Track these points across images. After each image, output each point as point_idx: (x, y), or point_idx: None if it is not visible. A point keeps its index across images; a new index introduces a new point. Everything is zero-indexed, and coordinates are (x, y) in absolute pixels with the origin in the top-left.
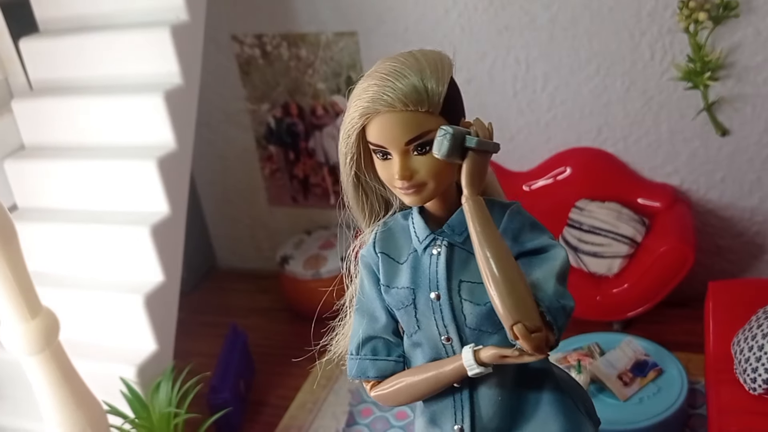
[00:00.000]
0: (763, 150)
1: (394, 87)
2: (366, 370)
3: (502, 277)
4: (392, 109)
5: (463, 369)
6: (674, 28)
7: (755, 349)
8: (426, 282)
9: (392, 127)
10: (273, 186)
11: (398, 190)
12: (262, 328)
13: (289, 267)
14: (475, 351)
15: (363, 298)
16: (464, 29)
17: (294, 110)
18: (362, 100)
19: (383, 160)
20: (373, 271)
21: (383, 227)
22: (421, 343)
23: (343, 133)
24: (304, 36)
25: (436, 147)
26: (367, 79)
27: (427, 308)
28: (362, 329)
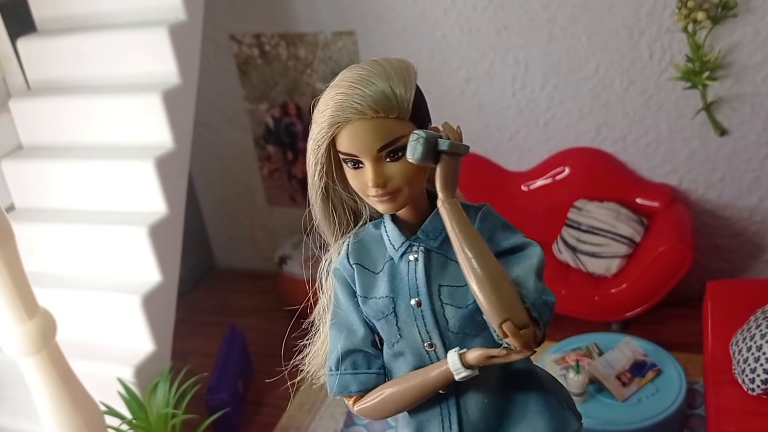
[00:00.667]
0: (761, 149)
1: (363, 94)
2: (348, 385)
3: (486, 276)
4: (363, 117)
5: (449, 374)
6: (673, 27)
7: (753, 349)
8: (405, 289)
9: (364, 135)
10: (271, 186)
11: (372, 198)
12: (261, 329)
13: (287, 267)
14: (460, 354)
15: (339, 311)
16: (463, 29)
17: (292, 110)
18: (330, 109)
19: (354, 169)
20: (347, 284)
21: (355, 238)
22: (404, 352)
23: (312, 144)
24: (302, 36)
25: (410, 151)
26: (334, 89)
27: (408, 316)
28: (341, 343)
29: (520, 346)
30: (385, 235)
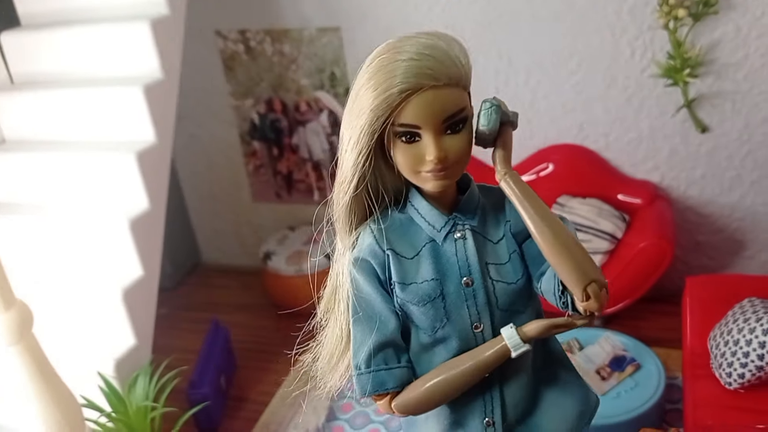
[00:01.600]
0: (742, 147)
1: (437, 59)
2: (384, 382)
3: (568, 241)
4: (436, 84)
5: (505, 351)
6: (654, 24)
7: (731, 344)
8: (454, 269)
9: (433, 104)
10: (257, 182)
11: (426, 174)
12: (246, 324)
13: (272, 263)
14: (517, 329)
15: (364, 304)
16: (447, 25)
17: (278, 106)
18: (400, 76)
19: (409, 143)
20: (374, 273)
21: (379, 225)
22: (448, 337)
23: (369, 115)
24: (287, 31)
25: (485, 119)
26: (394, 55)
27: (458, 297)
28: (372, 338)
29: (599, 309)
30: (419, 217)
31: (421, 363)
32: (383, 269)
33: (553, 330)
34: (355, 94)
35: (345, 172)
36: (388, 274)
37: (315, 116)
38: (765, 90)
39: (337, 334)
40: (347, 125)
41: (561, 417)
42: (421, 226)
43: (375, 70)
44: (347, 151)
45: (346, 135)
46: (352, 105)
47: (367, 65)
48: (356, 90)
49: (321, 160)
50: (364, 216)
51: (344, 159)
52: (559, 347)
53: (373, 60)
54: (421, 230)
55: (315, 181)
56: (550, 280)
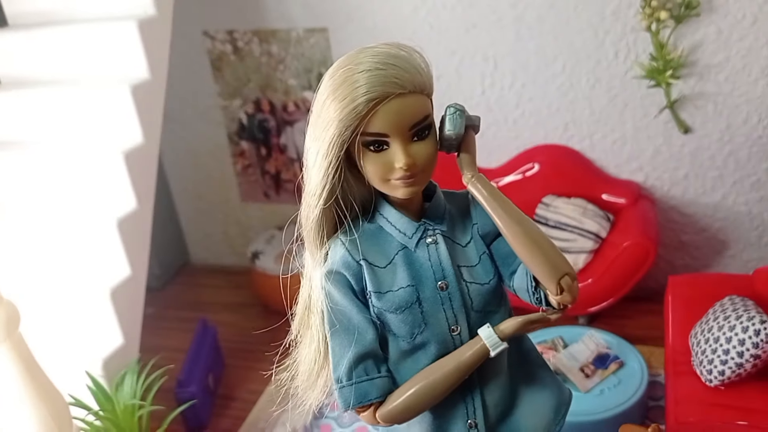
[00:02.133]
0: (724, 147)
1: (401, 68)
2: (367, 393)
3: (540, 237)
4: (402, 92)
5: (484, 351)
6: (637, 26)
7: (711, 341)
8: (429, 274)
9: (400, 112)
10: (245, 182)
11: (395, 182)
12: (234, 324)
13: (260, 262)
14: (494, 328)
15: (341, 317)
16: (432, 27)
17: (265, 106)
18: (366, 85)
19: (377, 152)
20: (348, 285)
21: (348, 237)
22: (427, 342)
23: (338, 126)
24: (275, 32)
25: (450, 124)
26: (357, 66)
27: (434, 301)
28: (351, 350)
29: (572, 301)
30: (389, 226)
31: (401, 371)
32: (358, 280)
33: (529, 326)
34: (319, 106)
35: (314, 186)
36: (363, 285)
37: (303, 116)
38: (746, 92)
39: (313, 350)
40: (313, 138)
41: (538, 413)
42: (392, 235)
43: (339, 82)
44: (315, 164)
45: (314, 148)
46: (317, 118)
47: (329, 77)
48: (320, 102)
49: None
50: (334, 228)
51: (312, 172)
52: (531, 345)
53: (335, 72)
54: (391, 239)
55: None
56: (522, 277)
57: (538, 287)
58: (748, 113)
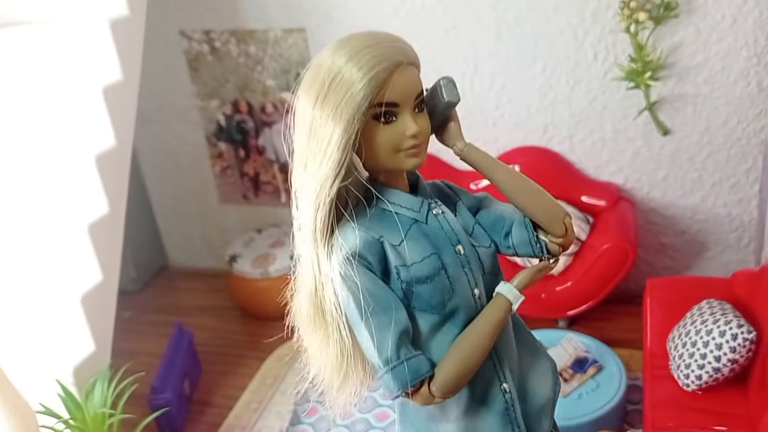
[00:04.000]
0: (703, 149)
1: (403, 42)
2: (420, 368)
3: (537, 186)
4: (409, 62)
5: (507, 306)
6: (616, 28)
7: (688, 345)
8: (445, 241)
9: (409, 81)
10: (224, 183)
11: (406, 152)
12: (212, 328)
13: (237, 265)
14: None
15: (372, 299)
16: (412, 28)
17: (244, 107)
18: (380, 56)
19: (387, 123)
20: (370, 266)
21: (356, 222)
22: (456, 309)
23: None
24: (252, 32)
25: (448, 93)
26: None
27: (456, 266)
28: (392, 328)
29: (571, 240)
30: (393, 206)
31: (432, 346)
32: (381, 259)
33: (537, 275)
34: (327, 85)
35: (323, 176)
36: (386, 263)
37: (281, 118)
38: (725, 93)
39: (335, 346)
40: (323, 120)
41: (544, 378)
42: (398, 213)
43: (350, 54)
44: (332, 143)
45: (325, 132)
46: (329, 96)
47: (332, 56)
48: (328, 81)
49: (287, 161)
50: (338, 217)
51: (325, 157)
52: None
53: (337, 52)
54: (396, 218)
55: (282, 183)
56: (522, 231)
57: (539, 237)
58: (727, 115)
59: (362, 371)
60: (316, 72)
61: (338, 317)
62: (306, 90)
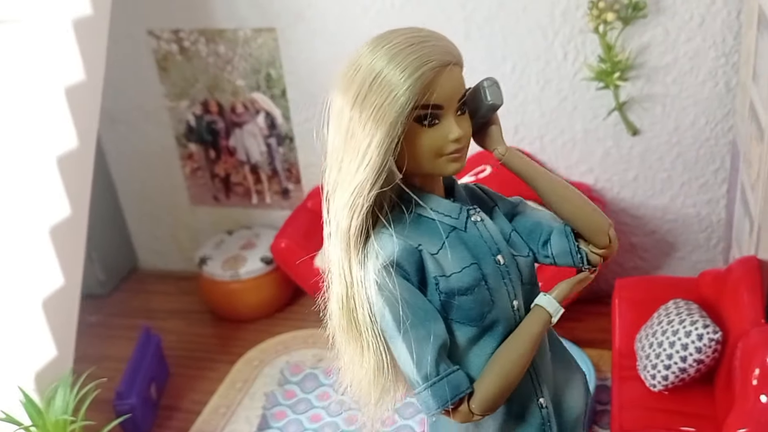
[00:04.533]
0: (672, 149)
1: (448, 41)
2: (460, 384)
3: (580, 194)
4: (455, 63)
5: (546, 319)
6: (585, 28)
7: (655, 346)
8: (485, 250)
9: (454, 82)
10: (194, 185)
11: (448, 157)
12: (181, 331)
13: (207, 268)
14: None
15: (412, 309)
16: (382, 27)
17: (214, 107)
18: (426, 55)
19: (430, 126)
20: (412, 275)
21: (391, 230)
22: (495, 322)
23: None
24: (222, 32)
25: (493, 95)
26: (408, 39)
27: (497, 276)
28: (431, 342)
29: (615, 250)
30: (431, 212)
31: (470, 360)
32: (418, 268)
33: (577, 286)
34: (367, 85)
35: (365, 175)
36: (424, 273)
37: (252, 118)
38: (693, 93)
39: (373, 358)
40: (365, 122)
41: (577, 392)
42: (436, 220)
43: (394, 53)
44: (372, 146)
45: (366, 132)
46: (368, 98)
47: (369, 54)
48: (370, 81)
49: (258, 162)
50: (375, 222)
51: (364, 160)
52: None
53: (376, 50)
54: (434, 225)
55: (253, 184)
56: (562, 241)
57: (580, 247)
58: (695, 115)
59: (399, 385)
60: (354, 72)
61: (372, 328)
62: (343, 91)
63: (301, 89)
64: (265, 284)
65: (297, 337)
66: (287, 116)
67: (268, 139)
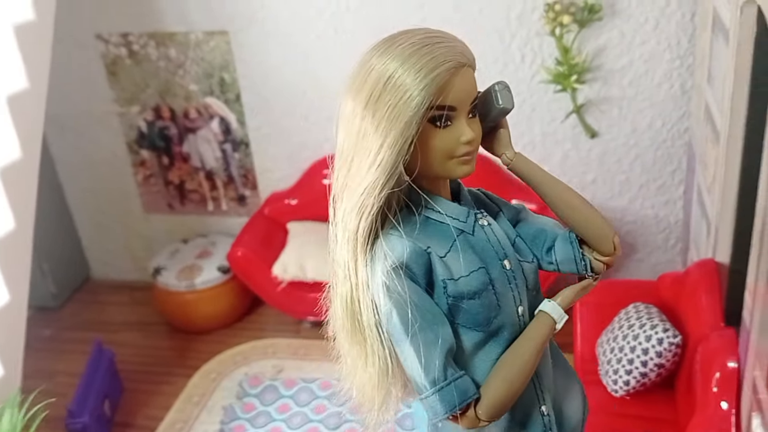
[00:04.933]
0: (630, 151)
1: (462, 44)
2: (467, 390)
3: (586, 201)
4: (469, 65)
5: (551, 325)
6: (542, 31)
7: (616, 350)
8: (492, 254)
9: (467, 84)
10: (147, 192)
11: (459, 159)
12: (135, 344)
13: (161, 278)
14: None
15: (420, 312)
16: (337, 30)
17: (166, 113)
18: (441, 56)
19: (443, 128)
20: (418, 277)
21: (401, 230)
22: (501, 327)
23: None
24: (172, 35)
25: (504, 98)
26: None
27: (503, 281)
28: (439, 347)
29: (614, 261)
30: (439, 215)
31: (475, 365)
32: (426, 271)
33: (581, 293)
34: (381, 86)
35: (376, 175)
36: (432, 276)
37: (205, 123)
38: (649, 96)
39: (377, 363)
40: (378, 122)
41: (575, 401)
42: (444, 223)
43: (409, 53)
44: (384, 146)
45: (379, 132)
46: (382, 97)
47: (382, 55)
48: (383, 82)
49: (214, 168)
50: (383, 224)
51: (376, 160)
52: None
53: (389, 51)
54: (442, 228)
55: (209, 190)
56: (566, 248)
57: (584, 255)
58: (652, 117)
59: (403, 389)
60: (366, 73)
61: (378, 331)
62: (355, 92)
63: (255, 93)
64: (222, 294)
65: (256, 348)
66: (242, 121)
67: (222, 144)
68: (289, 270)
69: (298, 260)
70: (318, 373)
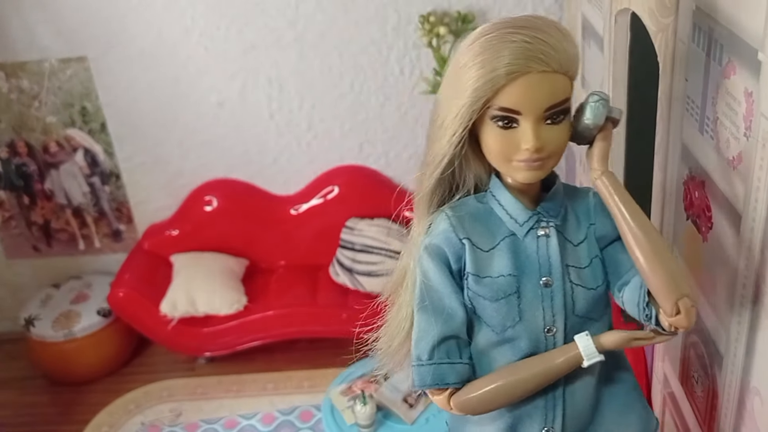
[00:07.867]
0: None
1: (548, 45)
2: (444, 376)
3: (664, 250)
4: (545, 69)
5: (576, 360)
6: (419, 42)
7: None
8: (534, 267)
9: (539, 90)
10: (8, 236)
11: (518, 163)
12: (12, 402)
13: (35, 329)
14: (593, 338)
15: (432, 294)
16: (208, 49)
17: (22, 148)
18: (508, 56)
19: (505, 128)
20: (446, 262)
21: (454, 212)
22: (518, 338)
23: (471, 95)
24: (23, 64)
25: (592, 113)
26: (503, 35)
27: (534, 297)
28: (436, 329)
29: (688, 326)
30: (500, 209)
31: (485, 361)
32: (457, 259)
33: (633, 343)
34: (454, 72)
35: (435, 152)
36: (461, 265)
37: (69, 156)
38: None
39: (400, 318)
40: (444, 103)
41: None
42: (502, 219)
43: (482, 49)
44: (441, 128)
45: (442, 113)
46: (451, 82)
47: (469, 43)
48: (458, 66)
49: (82, 204)
50: (443, 200)
51: (437, 137)
52: (625, 360)
53: (477, 38)
54: (500, 223)
55: (78, 228)
56: (634, 290)
57: (649, 303)
58: None
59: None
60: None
61: (410, 293)
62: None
63: (122, 121)
64: (105, 339)
65: (149, 393)
66: (110, 152)
67: (90, 178)
68: (178, 306)
69: (188, 295)
70: (221, 411)
